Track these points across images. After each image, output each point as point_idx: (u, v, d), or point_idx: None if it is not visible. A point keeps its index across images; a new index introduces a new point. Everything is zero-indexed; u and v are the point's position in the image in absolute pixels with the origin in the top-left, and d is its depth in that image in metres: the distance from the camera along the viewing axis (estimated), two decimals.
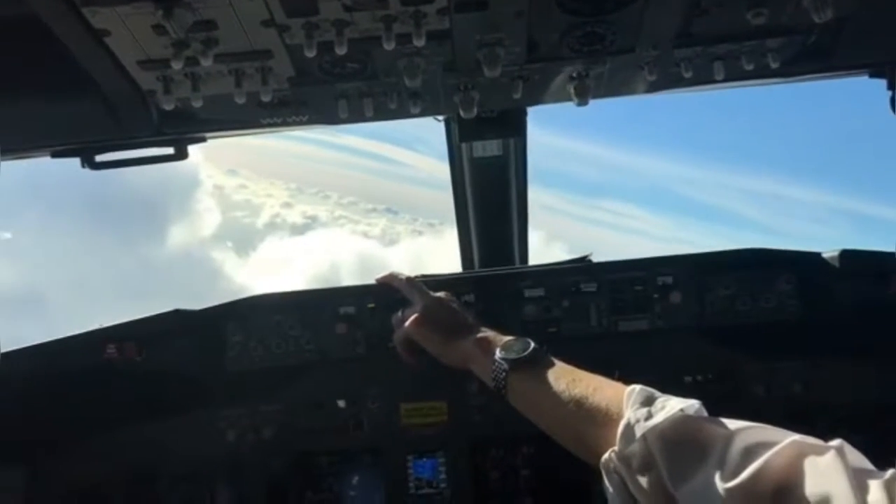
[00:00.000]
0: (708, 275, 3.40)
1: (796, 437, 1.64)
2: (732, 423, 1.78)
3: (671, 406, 1.88)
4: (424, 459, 3.42)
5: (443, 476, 3.41)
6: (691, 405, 1.89)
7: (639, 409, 1.91)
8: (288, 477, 3.44)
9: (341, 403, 3.42)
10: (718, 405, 2.02)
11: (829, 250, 3.40)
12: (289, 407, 3.41)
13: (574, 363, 2.45)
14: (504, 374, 2.37)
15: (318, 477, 3.46)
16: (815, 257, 3.43)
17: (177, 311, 3.48)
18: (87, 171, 2.90)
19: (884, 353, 3.19)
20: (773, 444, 1.62)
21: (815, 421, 3.31)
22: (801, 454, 1.57)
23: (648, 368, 2.70)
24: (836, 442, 1.57)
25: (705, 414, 1.91)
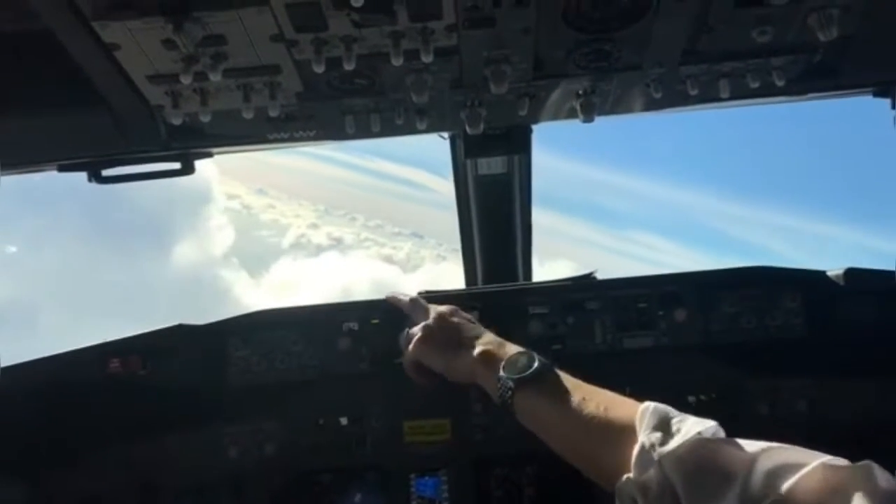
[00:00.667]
0: (713, 292, 3.40)
1: (823, 458, 1.57)
2: (753, 445, 1.70)
3: (687, 429, 1.80)
4: (427, 478, 3.40)
5: (445, 495, 3.38)
6: (708, 427, 1.81)
7: (653, 433, 1.82)
8: (290, 494, 3.42)
9: (344, 421, 3.41)
10: (722, 425, 2.00)
11: (834, 269, 3.40)
12: (291, 424, 3.40)
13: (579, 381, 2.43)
14: (510, 392, 2.25)
15: (320, 495, 3.43)
16: (820, 276, 3.42)
17: (180, 326, 3.48)
18: (96, 188, 2.92)
19: (889, 372, 3.18)
20: (798, 466, 1.55)
21: (820, 441, 3.28)
22: (828, 477, 1.50)
23: (653, 387, 2.68)
24: (864, 463, 1.51)
25: (723, 435, 1.82)
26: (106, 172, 2.91)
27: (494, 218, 3.90)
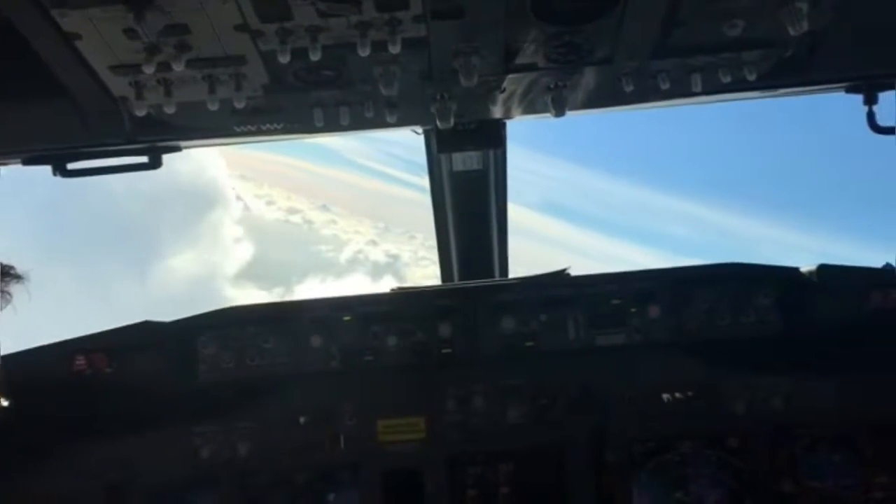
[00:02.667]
0: (687, 289, 3.41)
1: None
2: None
3: None
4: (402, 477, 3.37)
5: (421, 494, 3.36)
6: None
7: None
8: (264, 494, 3.38)
9: (318, 419, 3.37)
10: (698, 422, 1.99)
11: (808, 265, 3.41)
12: (264, 423, 3.36)
13: (553, 379, 2.42)
14: None
15: (295, 494, 3.40)
16: (793, 272, 3.43)
17: (146, 323, 3.43)
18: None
19: (862, 369, 3.20)
20: None
21: (796, 439, 3.30)
22: None
23: (628, 385, 2.68)
24: None
25: None
26: (71, 166, 2.85)
27: (470, 214, 3.87)
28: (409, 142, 3.30)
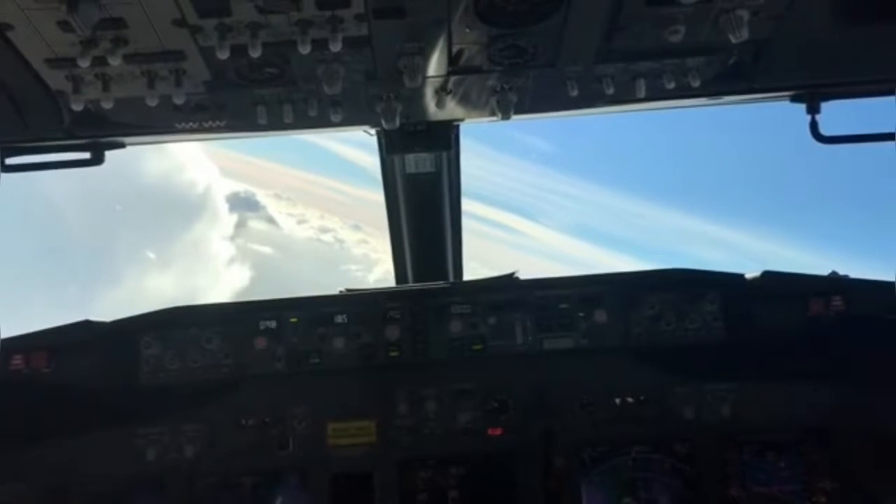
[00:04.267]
0: (633, 294, 3.43)
1: None
2: None
3: None
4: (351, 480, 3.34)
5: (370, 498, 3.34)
6: None
7: None
8: (211, 497, 3.33)
9: (266, 421, 3.33)
10: (649, 428, 1.99)
11: (752, 272, 3.45)
12: (211, 425, 3.31)
13: (502, 383, 2.39)
14: None
15: (242, 497, 3.35)
16: (738, 279, 3.46)
17: (87, 322, 3.35)
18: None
19: (804, 376, 3.24)
20: None
21: (744, 445, 3.34)
22: None
23: (576, 390, 2.68)
24: None
25: None
26: (10, 161, 2.78)
27: (424, 217, 3.86)
28: None
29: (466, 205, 3.78)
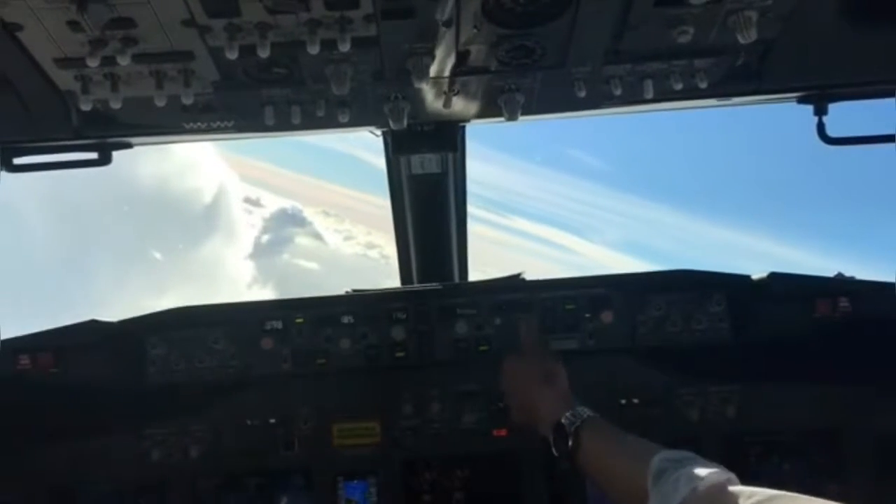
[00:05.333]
0: (639, 295, 3.42)
1: None
2: (761, 494, 1.61)
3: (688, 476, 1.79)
4: (355, 482, 3.35)
5: (374, 499, 3.33)
6: (708, 477, 1.77)
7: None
8: (215, 498, 3.33)
9: (271, 422, 3.33)
10: (653, 429, 1.99)
11: (759, 273, 3.44)
12: (216, 425, 3.31)
13: None
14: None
15: (247, 499, 3.35)
16: (744, 280, 3.46)
17: (93, 322, 3.35)
18: None
19: (810, 378, 3.23)
20: None
21: (749, 447, 3.33)
22: None
23: (583, 390, 2.66)
24: None
25: (723, 480, 1.76)
26: (18, 160, 2.79)
27: (429, 218, 3.86)
28: (489, 181, 3.29)
29: (518, 223, 3.80)
